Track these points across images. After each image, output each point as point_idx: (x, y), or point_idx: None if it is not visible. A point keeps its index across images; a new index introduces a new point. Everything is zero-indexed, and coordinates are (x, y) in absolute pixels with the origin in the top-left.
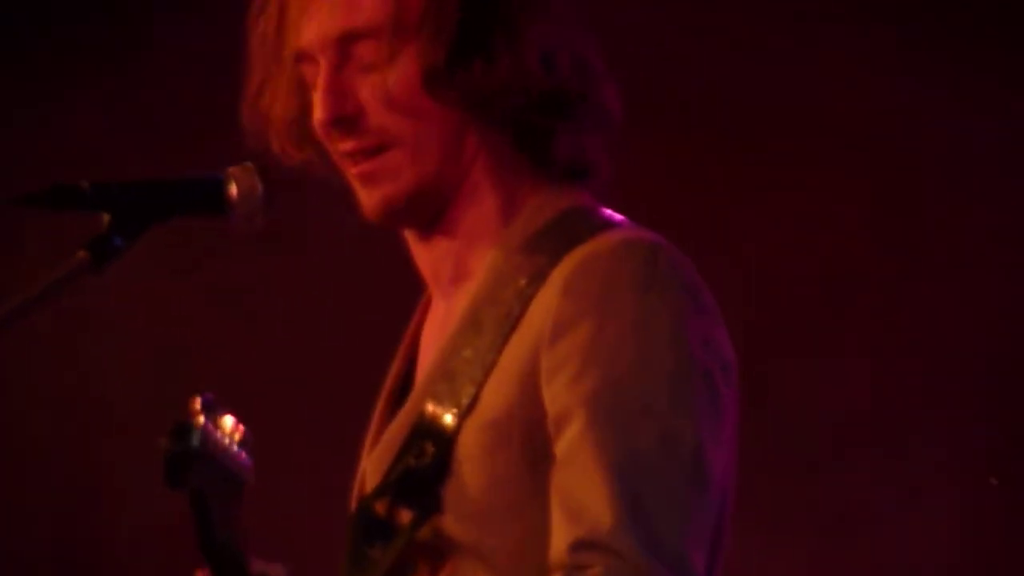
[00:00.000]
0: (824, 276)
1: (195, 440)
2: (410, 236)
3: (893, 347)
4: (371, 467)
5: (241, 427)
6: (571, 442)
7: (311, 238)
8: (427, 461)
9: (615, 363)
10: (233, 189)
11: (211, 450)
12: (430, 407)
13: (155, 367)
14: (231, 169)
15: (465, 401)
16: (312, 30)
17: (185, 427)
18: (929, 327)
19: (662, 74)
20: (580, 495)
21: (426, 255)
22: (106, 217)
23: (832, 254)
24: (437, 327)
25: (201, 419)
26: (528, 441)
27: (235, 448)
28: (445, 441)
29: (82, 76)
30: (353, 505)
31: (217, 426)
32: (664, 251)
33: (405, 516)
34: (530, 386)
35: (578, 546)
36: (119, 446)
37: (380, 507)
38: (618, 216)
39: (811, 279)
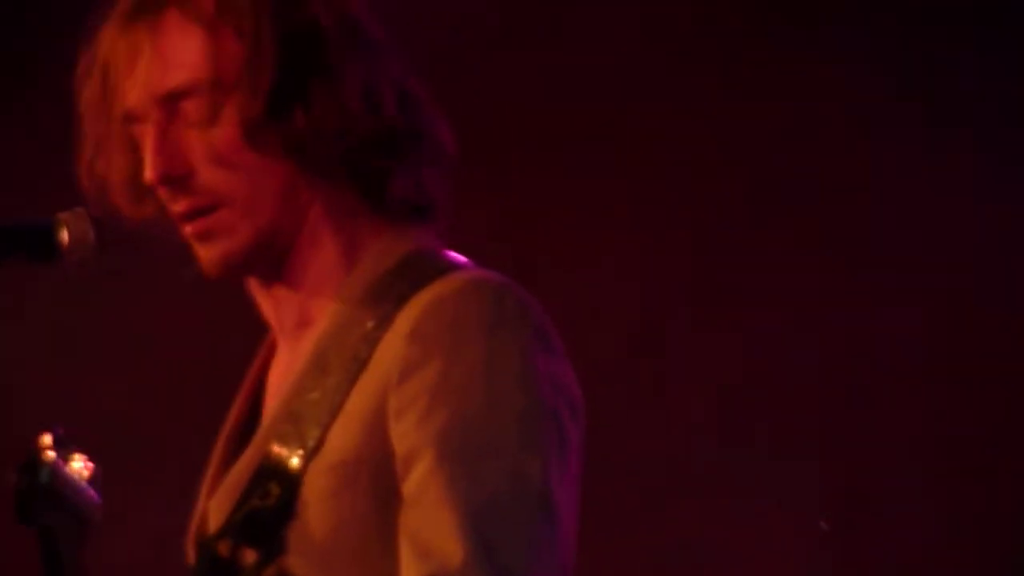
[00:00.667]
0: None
1: (44, 476)
2: (252, 283)
3: (720, 384)
4: (214, 507)
5: (90, 464)
6: (419, 481)
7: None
8: (272, 502)
9: (464, 402)
10: (64, 235)
11: (60, 486)
12: (275, 448)
13: None
14: (62, 215)
15: (311, 443)
16: (137, 91)
17: (35, 462)
18: (769, 360)
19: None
20: (429, 533)
21: (269, 302)
22: None
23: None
24: (282, 371)
25: (51, 454)
26: (375, 482)
27: (84, 485)
28: (291, 482)
29: None
30: (191, 547)
31: (67, 462)
32: (511, 292)
33: (249, 556)
34: (377, 427)
35: None
36: None
37: (223, 548)
38: (461, 257)
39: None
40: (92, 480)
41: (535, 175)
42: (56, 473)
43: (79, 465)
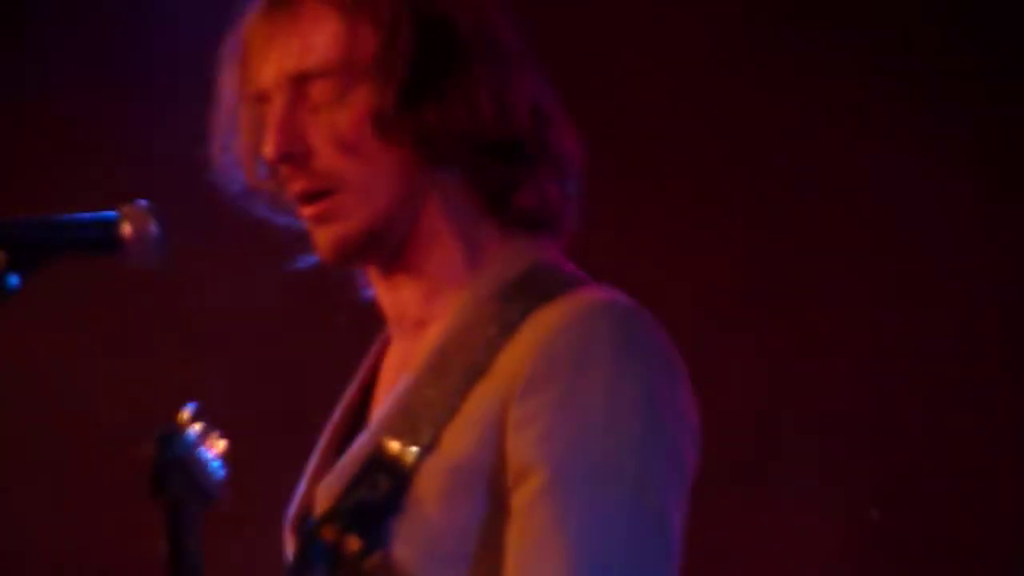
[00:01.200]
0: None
1: (180, 449)
2: (373, 275)
3: (766, 371)
4: (321, 493)
5: (222, 442)
6: (530, 500)
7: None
8: (381, 494)
9: (584, 426)
10: (127, 228)
11: (193, 461)
12: (388, 442)
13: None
14: (124, 208)
15: (425, 441)
16: (269, 71)
17: (172, 435)
18: (809, 351)
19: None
20: (534, 558)
21: (390, 295)
22: (1, 255)
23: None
24: (396, 364)
25: (188, 429)
26: (488, 490)
27: (214, 462)
28: (402, 477)
29: None
30: (291, 531)
31: (202, 438)
32: (639, 316)
33: (354, 544)
34: (494, 436)
35: None
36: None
37: (328, 533)
38: (581, 273)
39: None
40: (222, 458)
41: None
42: (191, 447)
43: (212, 442)
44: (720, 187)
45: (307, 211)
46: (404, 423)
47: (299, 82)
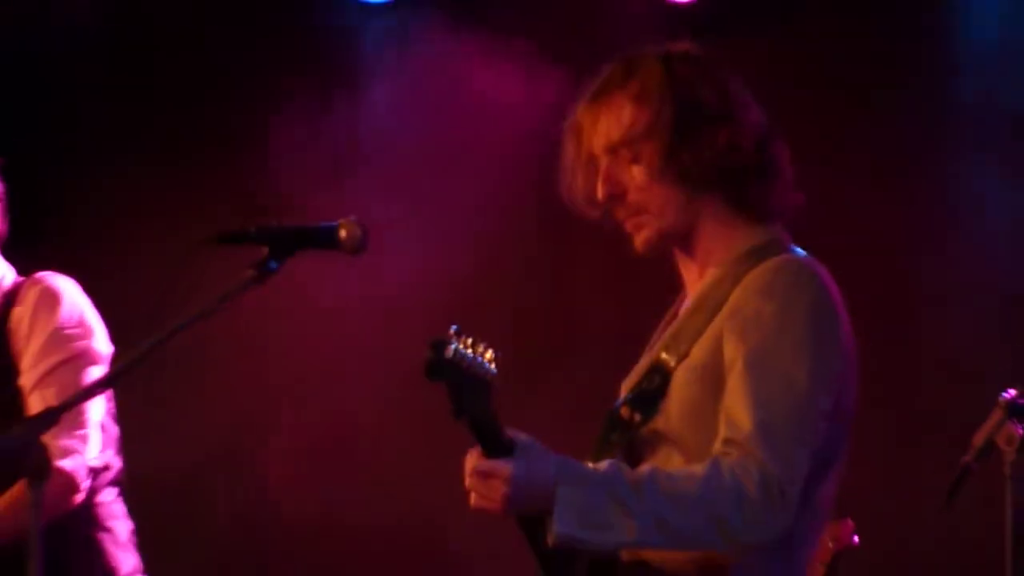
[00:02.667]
0: None
1: (444, 352)
2: (678, 257)
3: None
4: (625, 387)
5: (490, 351)
6: (733, 379)
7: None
8: (654, 386)
9: (764, 333)
10: (343, 233)
11: (457, 359)
12: (663, 355)
13: None
14: (341, 221)
15: (683, 352)
16: (596, 143)
17: (439, 343)
18: None
19: None
20: (734, 410)
21: (684, 268)
22: (265, 249)
23: None
24: (685, 307)
25: (452, 339)
26: (712, 378)
27: (480, 360)
28: (666, 375)
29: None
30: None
31: (467, 346)
32: (809, 268)
33: (636, 417)
34: (718, 346)
35: (727, 442)
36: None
37: (624, 412)
38: (792, 244)
39: None
40: (493, 360)
41: None
42: (454, 351)
43: (480, 348)
44: None
45: (627, 226)
46: (673, 343)
47: (612, 149)
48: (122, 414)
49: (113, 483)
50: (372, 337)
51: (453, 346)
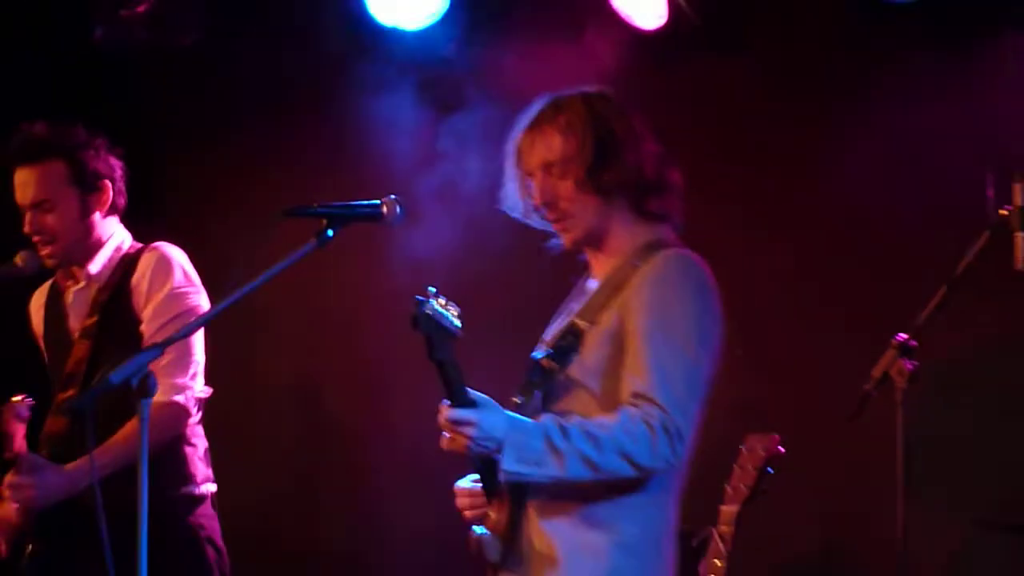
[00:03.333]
0: None
1: (423, 307)
2: (588, 253)
3: None
4: (546, 345)
5: (457, 309)
6: (635, 343)
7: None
8: (569, 344)
9: (663, 310)
10: (385, 208)
11: (431, 312)
12: (577, 320)
13: None
14: (383, 199)
15: (592, 319)
16: (531, 162)
17: (419, 299)
18: None
19: None
20: (639, 372)
21: (594, 257)
22: (324, 221)
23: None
24: (591, 286)
25: (428, 297)
26: (617, 341)
27: (449, 315)
28: (579, 336)
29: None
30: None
31: (440, 304)
32: (694, 260)
33: (555, 367)
34: (621, 318)
35: (635, 395)
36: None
37: (544, 362)
38: (678, 241)
39: None
40: (458, 316)
41: None
42: (431, 306)
43: (447, 305)
44: None
45: (556, 227)
46: (585, 312)
47: (545, 168)
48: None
49: (199, 408)
50: None
51: (430, 302)
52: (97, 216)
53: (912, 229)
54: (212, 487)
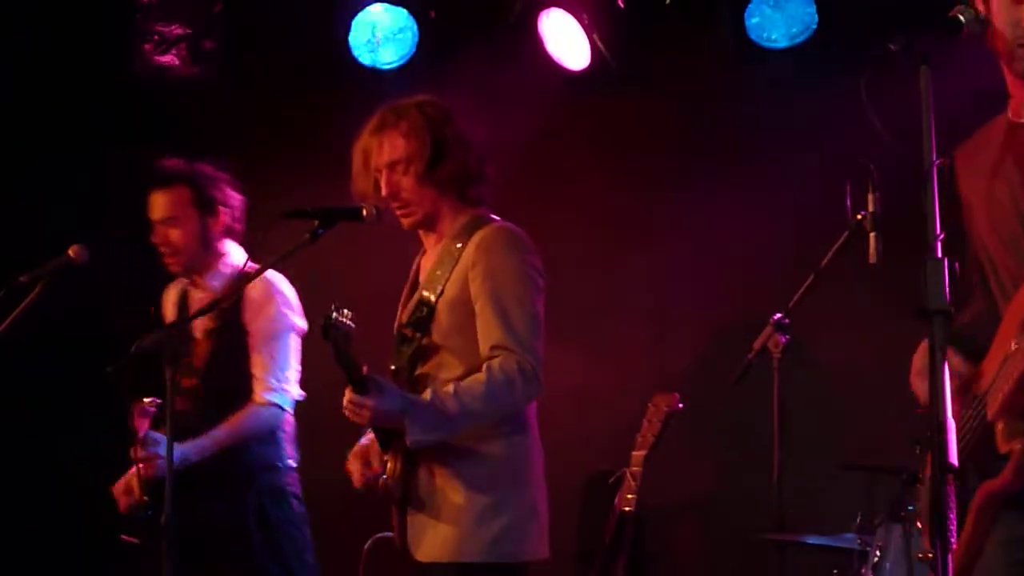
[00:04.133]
0: None
1: (329, 320)
2: (422, 233)
3: None
4: (403, 315)
5: (350, 313)
6: (481, 305)
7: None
8: (424, 314)
9: (497, 274)
10: (365, 212)
11: (337, 320)
12: (425, 293)
13: None
14: (363, 204)
15: (439, 290)
16: (379, 161)
17: (328, 314)
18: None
19: None
20: (491, 329)
21: (427, 238)
22: (316, 221)
23: None
24: (427, 265)
25: (333, 310)
26: (465, 306)
27: (345, 320)
28: (432, 306)
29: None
30: (395, 329)
31: (341, 314)
32: (515, 230)
33: (417, 335)
34: (465, 284)
35: (492, 348)
36: None
37: (407, 332)
38: (497, 217)
39: None
40: (352, 320)
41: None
42: (336, 318)
43: (345, 314)
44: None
45: (399, 213)
46: (431, 285)
47: (391, 165)
48: None
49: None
50: None
51: (333, 314)
52: (214, 236)
53: (788, 229)
54: (294, 463)
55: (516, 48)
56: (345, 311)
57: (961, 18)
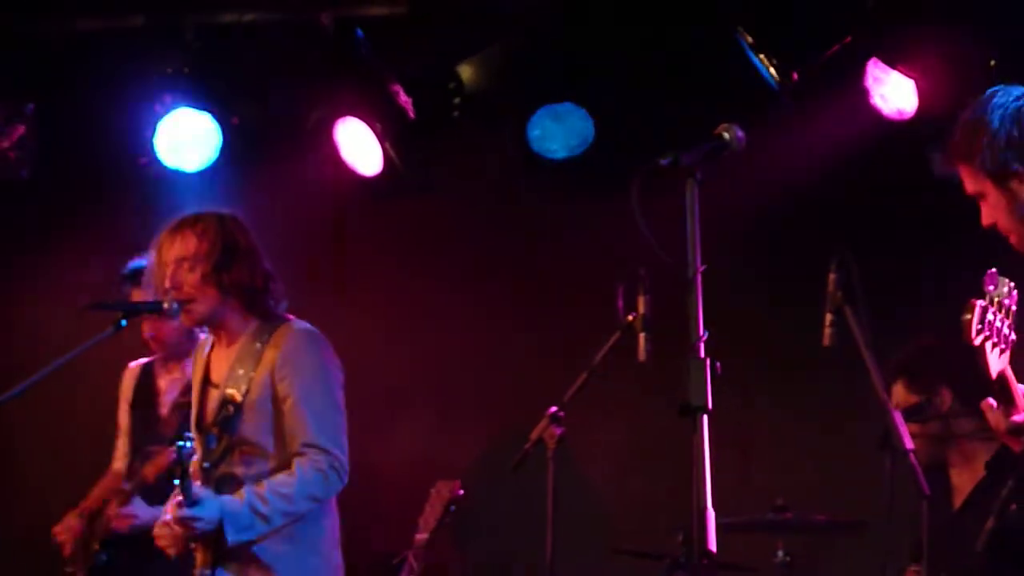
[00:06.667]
0: None
1: (184, 445)
2: (212, 331)
3: None
4: (205, 412)
5: (195, 436)
6: (290, 406)
7: None
8: (231, 413)
9: (304, 374)
10: (165, 305)
11: (190, 448)
12: (229, 391)
13: None
14: (164, 299)
15: (244, 389)
16: (168, 255)
17: (183, 441)
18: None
19: None
20: (300, 428)
21: (217, 337)
22: (119, 313)
23: None
24: (221, 359)
25: (185, 438)
26: (272, 406)
27: (190, 447)
28: (238, 406)
29: None
30: (196, 431)
31: (189, 439)
32: (314, 331)
33: (224, 433)
34: (269, 386)
35: (303, 446)
36: None
37: (214, 429)
38: (292, 316)
39: None
40: (191, 440)
41: None
42: (191, 447)
43: (193, 437)
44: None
45: (182, 308)
46: (233, 384)
47: (178, 261)
48: None
49: None
50: None
51: (187, 443)
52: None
53: (563, 329)
54: None
55: (314, 154)
56: (192, 436)
57: (725, 136)
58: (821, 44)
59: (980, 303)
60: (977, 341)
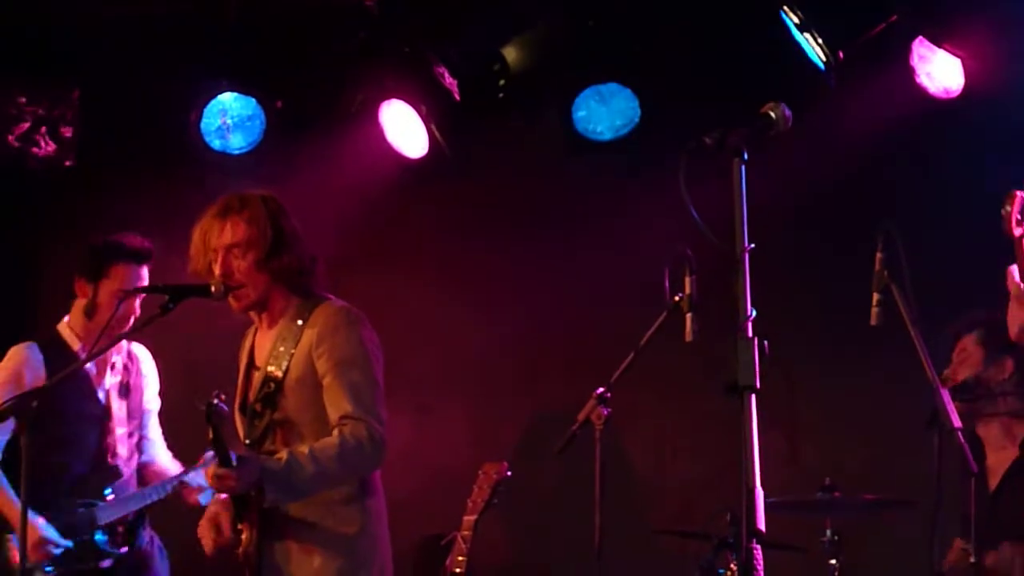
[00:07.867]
0: None
1: (212, 406)
2: (253, 315)
3: None
4: (248, 392)
5: (224, 396)
6: (328, 381)
7: None
8: (272, 391)
9: (342, 350)
10: (213, 288)
11: (219, 406)
12: (271, 369)
13: None
14: (212, 281)
15: (285, 367)
16: (219, 243)
17: (210, 400)
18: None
19: None
20: (339, 401)
21: (259, 319)
22: (167, 296)
23: None
24: (265, 340)
25: (214, 396)
26: (312, 382)
27: (223, 405)
28: (279, 383)
29: None
30: (239, 411)
31: (220, 399)
32: (353, 309)
33: (266, 411)
34: (310, 363)
35: (342, 418)
36: None
37: (257, 407)
38: (332, 296)
39: None
40: (224, 401)
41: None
42: (218, 405)
43: (223, 397)
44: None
45: (232, 294)
46: (274, 363)
47: (229, 248)
48: None
49: None
50: None
51: (215, 401)
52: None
53: (612, 309)
54: None
55: (358, 136)
56: (223, 395)
57: (772, 115)
58: (867, 23)
59: (1020, 193)
60: (1017, 232)
